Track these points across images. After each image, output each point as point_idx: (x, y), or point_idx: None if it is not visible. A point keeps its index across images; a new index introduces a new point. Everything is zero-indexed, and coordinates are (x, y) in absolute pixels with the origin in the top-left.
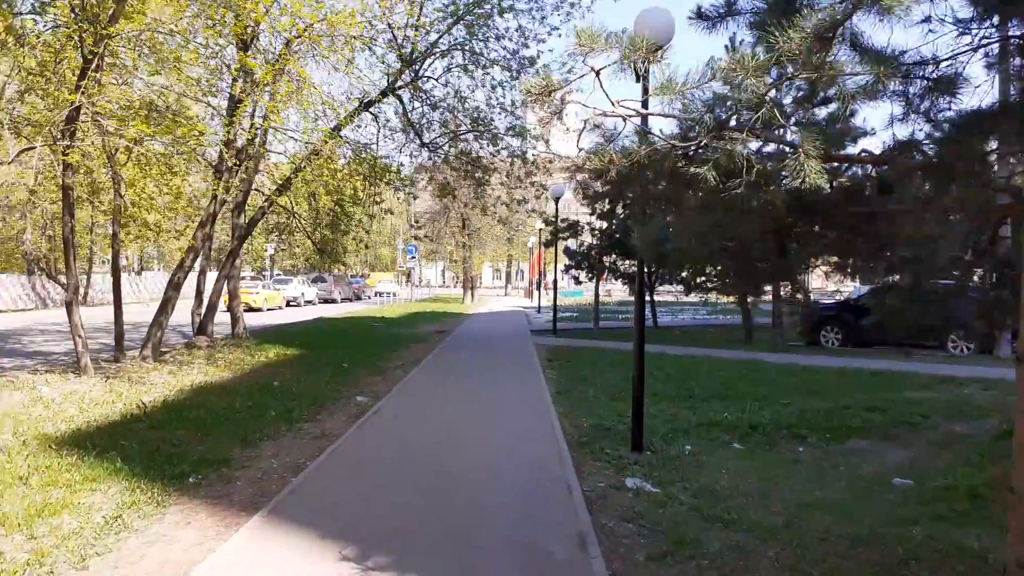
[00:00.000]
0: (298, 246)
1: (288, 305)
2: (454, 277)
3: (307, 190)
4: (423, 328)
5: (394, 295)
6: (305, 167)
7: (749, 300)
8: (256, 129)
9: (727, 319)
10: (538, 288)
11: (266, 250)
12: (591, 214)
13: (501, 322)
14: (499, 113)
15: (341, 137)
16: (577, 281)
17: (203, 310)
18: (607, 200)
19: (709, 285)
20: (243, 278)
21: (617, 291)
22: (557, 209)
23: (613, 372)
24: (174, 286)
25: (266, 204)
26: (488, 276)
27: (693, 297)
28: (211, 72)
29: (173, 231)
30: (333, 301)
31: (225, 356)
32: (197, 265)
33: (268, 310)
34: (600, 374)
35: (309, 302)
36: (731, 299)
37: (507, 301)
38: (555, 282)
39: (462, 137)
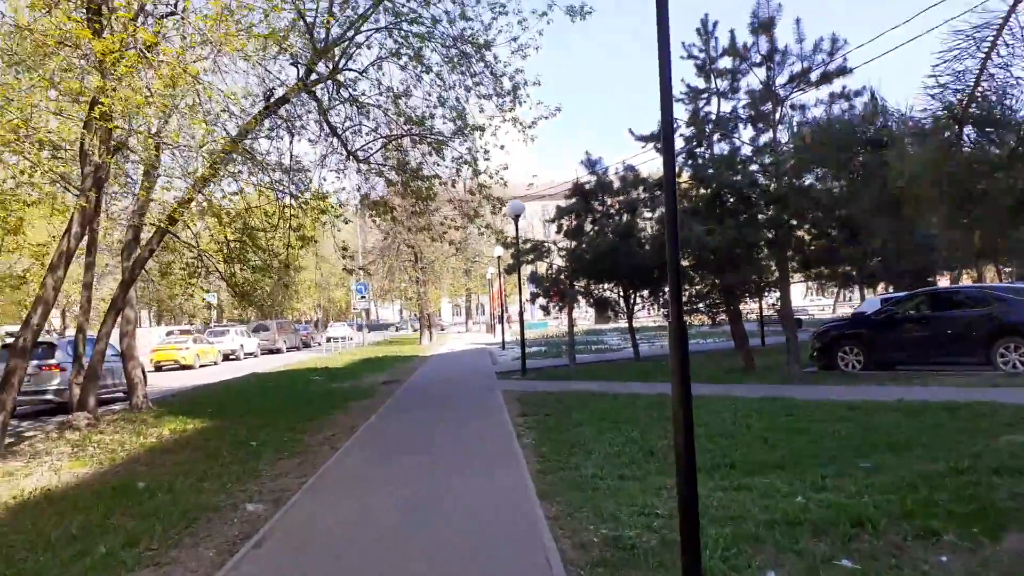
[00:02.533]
0: (207, 291)
1: (226, 359)
2: (411, 316)
3: (202, 217)
4: (369, 379)
5: (346, 339)
6: (196, 191)
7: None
8: (117, 136)
9: (707, 343)
10: (501, 322)
11: (204, 300)
12: (557, 232)
13: (461, 364)
14: (441, 115)
15: (241, 147)
16: (546, 311)
17: (82, 379)
18: (574, 215)
19: (692, 306)
20: (171, 332)
21: (581, 319)
22: (517, 228)
23: (612, 429)
24: (18, 352)
25: (154, 239)
26: (448, 312)
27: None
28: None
29: (10, 279)
30: (278, 351)
31: (104, 439)
32: (61, 323)
33: (201, 366)
34: (595, 435)
35: (250, 354)
36: (709, 322)
37: (468, 338)
38: (521, 314)
39: (396, 144)
